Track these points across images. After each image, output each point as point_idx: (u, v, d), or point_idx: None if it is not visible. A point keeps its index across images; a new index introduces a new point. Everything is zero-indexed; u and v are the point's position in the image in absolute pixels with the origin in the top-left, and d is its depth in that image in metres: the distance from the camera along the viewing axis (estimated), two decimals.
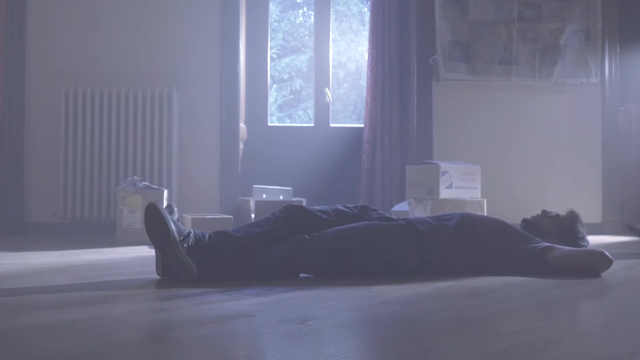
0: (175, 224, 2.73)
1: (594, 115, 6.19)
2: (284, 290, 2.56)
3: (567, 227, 3.39)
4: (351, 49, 7.45)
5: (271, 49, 6.80)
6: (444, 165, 5.04)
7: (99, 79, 5.55)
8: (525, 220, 3.43)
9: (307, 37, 8.41)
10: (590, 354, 1.63)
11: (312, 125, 6.70)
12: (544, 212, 3.48)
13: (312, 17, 7.08)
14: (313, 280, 2.84)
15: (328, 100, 6.54)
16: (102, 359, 1.56)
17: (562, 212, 3.49)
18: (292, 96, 8.67)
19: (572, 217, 3.43)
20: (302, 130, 6.79)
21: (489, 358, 1.58)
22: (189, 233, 2.77)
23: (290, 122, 7.65)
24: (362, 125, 6.39)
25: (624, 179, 6.19)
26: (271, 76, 6.98)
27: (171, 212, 2.82)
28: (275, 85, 7.55)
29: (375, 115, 6.21)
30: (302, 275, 2.96)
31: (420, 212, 4.99)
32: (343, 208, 3.24)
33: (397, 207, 5.48)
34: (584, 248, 3.35)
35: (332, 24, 6.80)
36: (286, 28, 8.81)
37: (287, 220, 3.07)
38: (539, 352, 1.63)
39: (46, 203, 5.49)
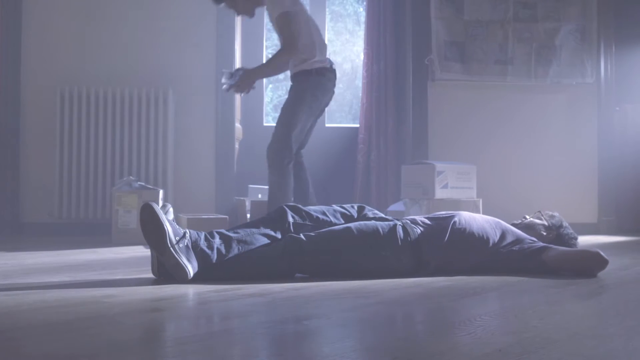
0: (170, 224, 2.73)
1: (590, 115, 6.20)
2: (280, 291, 2.56)
3: (554, 222, 3.44)
4: (347, 49, 7.45)
5: (267, 48, 6.79)
6: (439, 165, 5.04)
7: (94, 80, 5.54)
8: (514, 225, 3.43)
9: None
10: (586, 354, 1.63)
11: None
12: (524, 217, 3.52)
13: None
14: (309, 280, 2.84)
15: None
16: (97, 359, 1.56)
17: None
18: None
19: (551, 215, 3.49)
20: None
21: (485, 358, 1.58)
22: (184, 233, 2.77)
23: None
24: (357, 125, 6.39)
25: (620, 179, 6.20)
26: None
27: (166, 212, 2.82)
28: (270, 85, 7.55)
29: (370, 115, 6.21)
30: (297, 275, 2.96)
31: (415, 212, 4.99)
32: (339, 208, 3.25)
33: (393, 207, 5.48)
34: (578, 248, 3.37)
35: (328, 24, 6.80)
36: None
37: (282, 220, 3.07)
38: (534, 352, 1.64)
39: (42, 203, 5.49)
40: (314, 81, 4.63)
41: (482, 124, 6.07)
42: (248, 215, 5.16)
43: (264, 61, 4.79)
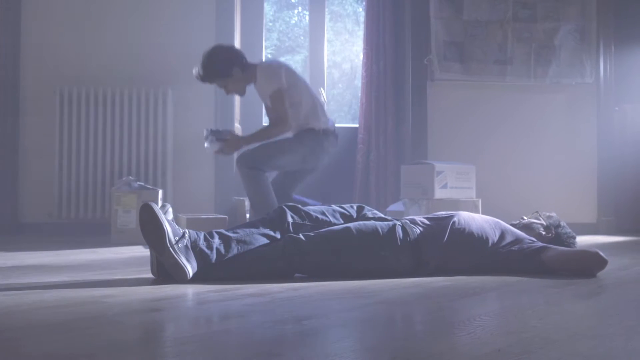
0: (170, 224, 2.73)
1: (589, 115, 6.20)
2: (279, 290, 2.56)
3: (552, 222, 3.46)
4: (346, 49, 7.46)
5: (266, 49, 6.79)
6: (438, 165, 5.04)
7: (93, 79, 5.55)
8: (513, 225, 3.44)
9: (302, 37, 8.42)
10: (585, 354, 1.63)
11: None
12: (522, 218, 3.53)
13: (307, 17, 7.08)
14: (308, 281, 2.84)
15: (323, 100, 6.54)
16: (96, 359, 1.56)
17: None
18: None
19: (549, 215, 3.50)
20: None
21: (485, 358, 1.58)
22: (184, 233, 2.77)
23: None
24: (357, 125, 6.39)
25: (619, 179, 6.20)
26: None
27: (166, 212, 2.82)
28: None
29: (370, 115, 6.20)
30: (297, 275, 2.96)
31: (415, 212, 4.99)
32: (338, 208, 3.25)
33: (392, 207, 5.48)
34: (577, 248, 3.37)
35: (327, 24, 6.80)
36: (281, 28, 8.82)
37: (282, 220, 3.07)
38: (534, 352, 1.64)
39: (41, 203, 5.49)
40: (319, 141, 4.85)
41: (481, 124, 6.08)
42: (247, 215, 5.16)
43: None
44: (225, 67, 4.76)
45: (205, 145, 4.82)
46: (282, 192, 4.87)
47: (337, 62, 7.38)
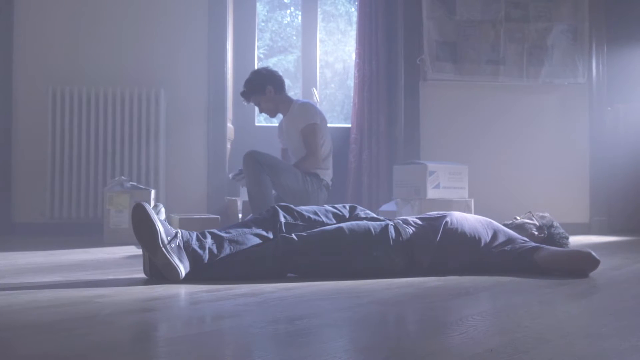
0: (162, 224, 2.73)
1: (582, 115, 6.21)
2: (272, 290, 2.56)
3: (545, 222, 3.46)
4: (338, 49, 7.46)
5: (259, 49, 6.79)
6: (431, 165, 5.05)
7: (86, 79, 5.53)
8: (505, 225, 3.45)
9: (295, 37, 8.41)
10: (578, 354, 1.63)
11: None
12: (515, 218, 3.54)
13: (300, 17, 7.08)
14: (300, 280, 2.83)
15: (315, 100, 6.53)
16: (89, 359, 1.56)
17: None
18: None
19: (542, 215, 3.51)
20: None
21: (477, 358, 1.58)
22: (176, 233, 2.77)
23: (278, 122, 7.66)
24: (349, 125, 6.39)
25: (612, 179, 6.21)
26: None
27: (158, 212, 2.82)
28: None
29: (362, 115, 6.20)
30: (289, 275, 2.96)
31: (407, 212, 4.99)
32: (331, 208, 3.25)
33: (385, 207, 5.47)
34: (570, 248, 3.38)
35: (320, 24, 6.80)
36: (274, 28, 8.81)
37: (274, 220, 3.07)
38: (526, 352, 1.64)
39: (34, 203, 5.47)
40: (319, 188, 4.96)
41: (474, 124, 6.08)
42: (240, 216, 5.16)
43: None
44: (261, 83, 5.05)
45: (235, 181, 5.12)
46: None
47: (329, 62, 7.38)
